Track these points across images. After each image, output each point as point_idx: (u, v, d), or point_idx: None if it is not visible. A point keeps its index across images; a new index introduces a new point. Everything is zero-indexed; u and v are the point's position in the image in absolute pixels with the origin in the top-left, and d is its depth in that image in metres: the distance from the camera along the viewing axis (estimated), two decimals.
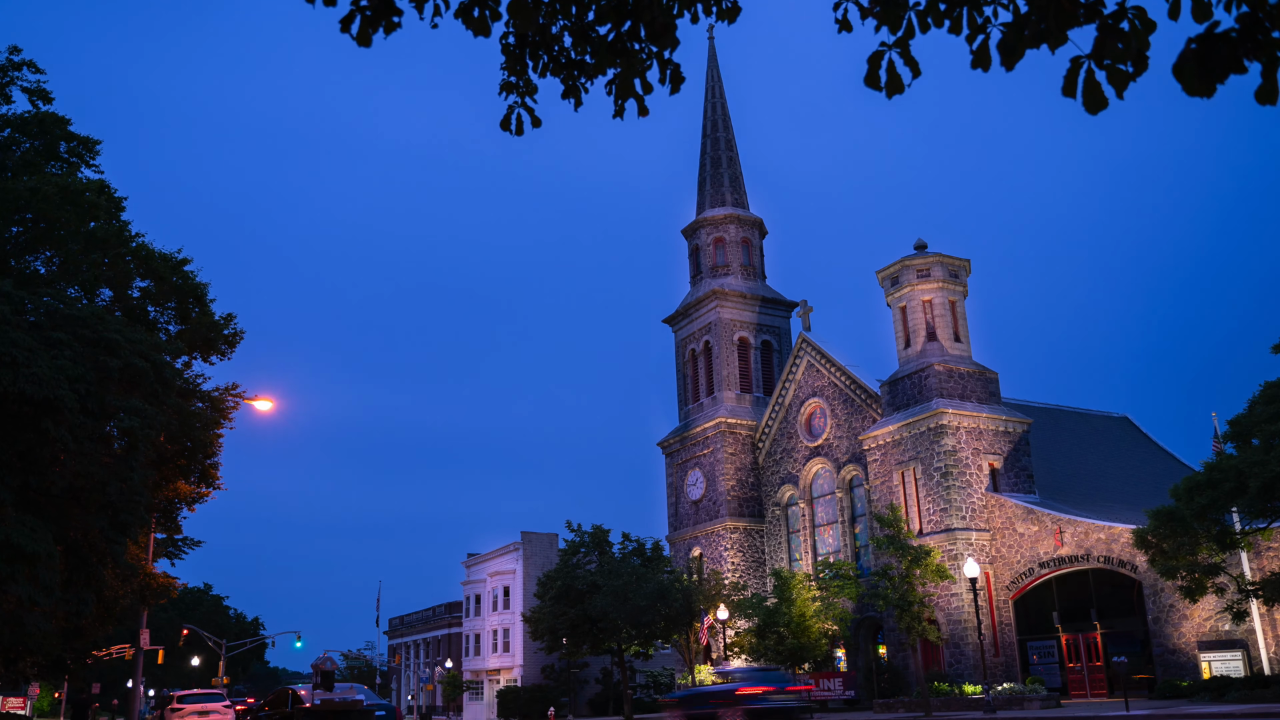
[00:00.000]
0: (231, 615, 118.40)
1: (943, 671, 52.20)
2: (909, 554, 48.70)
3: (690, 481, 73.23)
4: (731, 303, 74.00)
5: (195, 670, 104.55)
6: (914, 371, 57.41)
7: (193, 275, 33.52)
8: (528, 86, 7.42)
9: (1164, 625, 46.34)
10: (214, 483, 35.22)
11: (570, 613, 67.32)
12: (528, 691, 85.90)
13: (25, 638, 25.01)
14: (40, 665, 33.81)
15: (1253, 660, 42.51)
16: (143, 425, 25.07)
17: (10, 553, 21.03)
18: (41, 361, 21.63)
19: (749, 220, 77.38)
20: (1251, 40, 4.53)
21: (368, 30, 6.55)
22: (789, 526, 68.03)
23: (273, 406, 38.05)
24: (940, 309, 58.23)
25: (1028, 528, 52.28)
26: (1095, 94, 5.02)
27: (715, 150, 79.82)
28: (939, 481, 54.33)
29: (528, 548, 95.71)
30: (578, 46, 7.08)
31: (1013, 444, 56.52)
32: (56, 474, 23.94)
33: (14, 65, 31.85)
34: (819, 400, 66.21)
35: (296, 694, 37.53)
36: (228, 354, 34.98)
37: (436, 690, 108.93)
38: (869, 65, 5.82)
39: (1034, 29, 5.17)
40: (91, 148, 33.75)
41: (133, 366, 25.07)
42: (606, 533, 71.04)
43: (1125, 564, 47.63)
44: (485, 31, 6.68)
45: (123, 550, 26.41)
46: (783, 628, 54.79)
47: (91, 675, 65.28)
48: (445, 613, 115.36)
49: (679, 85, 7.06)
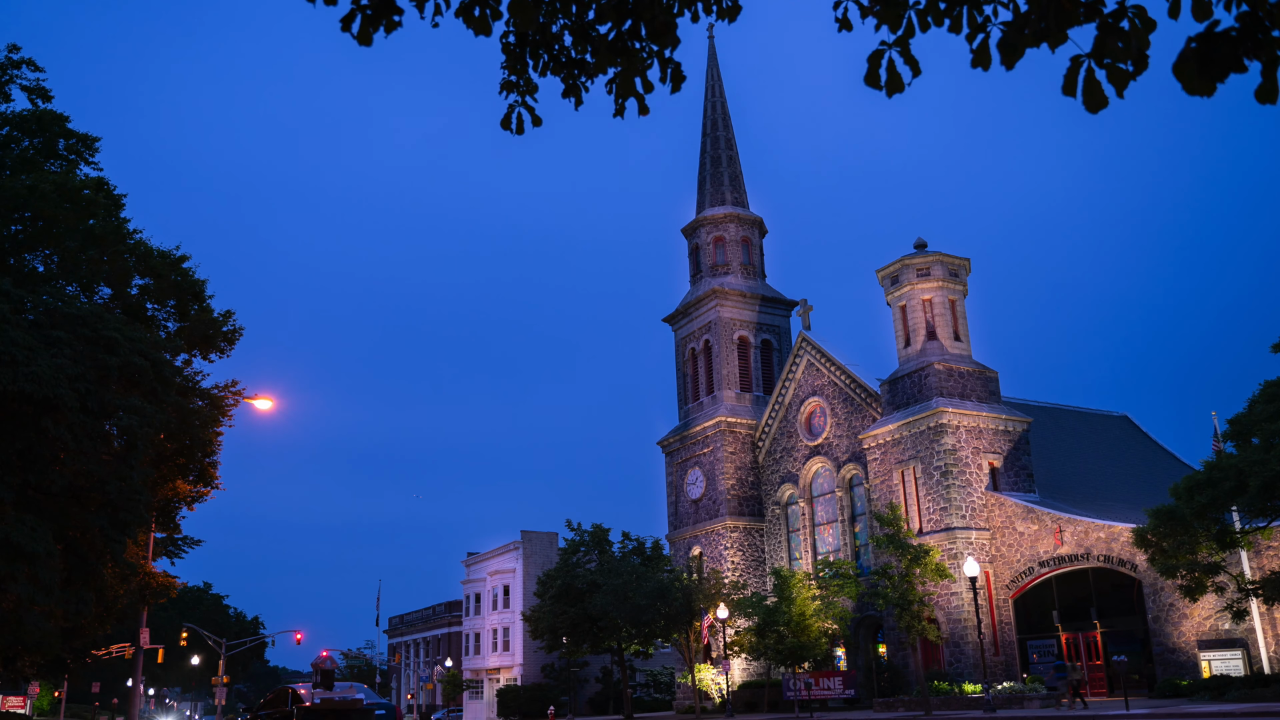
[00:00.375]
0: (231, 614, 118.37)
1: (943, 670, 52.18)
2: (909, 553, 48.71)
3: (690, 480, 73.20)
4: (731, 302, 73.94)
5: (195, 669, 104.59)
6: (914, 370, 57.39)
7: (191, 272, 33.47)
8: (528, 85, 7.42)
9: (1164, 624, 46.33)
10: (213, 482, 35.13)
11: (570, 612, 67.34)
12: (528, 690, 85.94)
13: (25, 637, 25.02)
14: (40, 664, 33.84)
15: (1253, 659, 42.49)
16: (142, 424, 25.06)
17: (10, 551, 21.03)
18: (41, 360, 21.62)
19: (749, 219, 77.32)
20: (1251, 39, 4.53)
21: (368, 29, 6.54)
22: (789, 525, 68.02)
23: (273, 405, 37.99)
24: (940, 308, 58.22)
25: (1027, 527, 52.27)
26: (1095, 93, 5.02)
27: (715, 149, 79.74)
28: (939, 480, 54.32)
29: (528, 547, 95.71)
30: (578, 45, 7.08)
31: (1012, 443, 56.52)
32: (56, 473, 23.94)
33: (13, 63, 31.79)
34: (819, 399, 66.19)
35: (296, 693, 37.49)
36: (227, 351, 34.92)
37: (436, 689, 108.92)
38: (869, 64, 5.82)
39: (1034, 28, 5.17)
40: (90, 145, 33.70)
41: (132, 364, 25.06)
42: (606, 532, 71.09)
43: (1125, 563, 47.62)
44: (486, 30, 6.68)
45: (122, 549, 26.38)
46: (783, 627, 54.84)
47: (91, 674, 65.26)
48: (445, 612, 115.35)
49: (679, 84, 7.06)
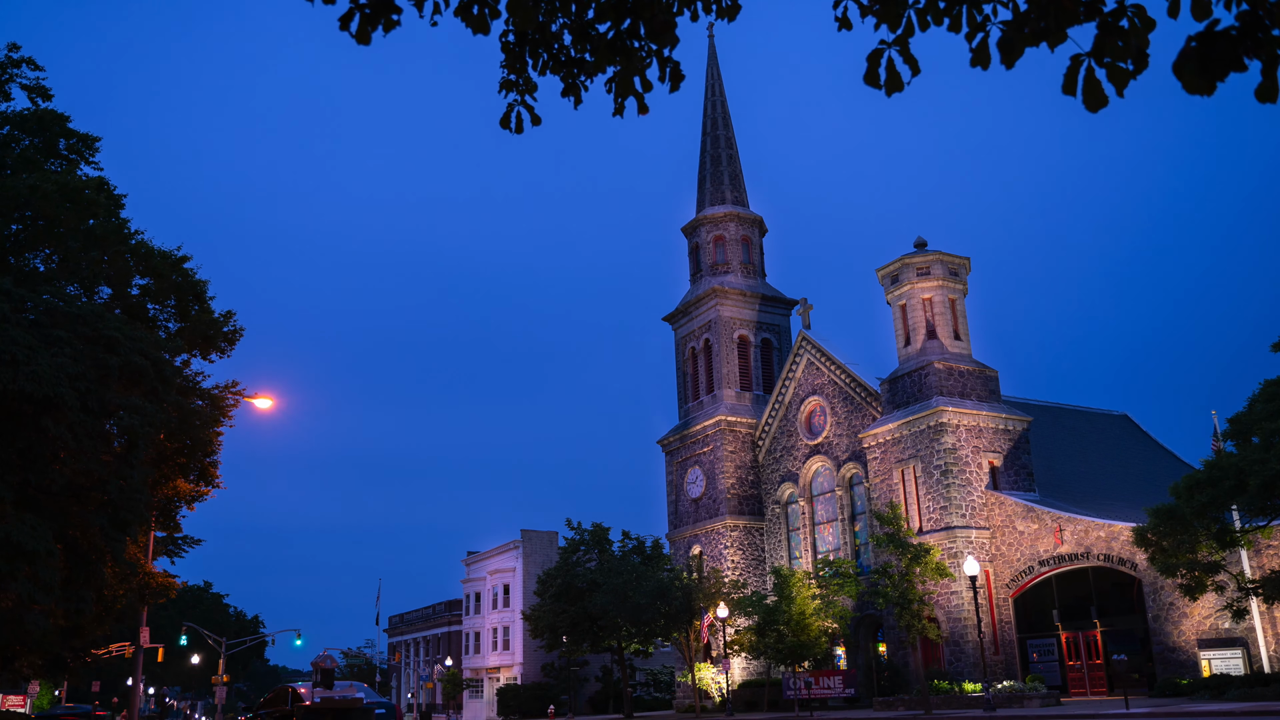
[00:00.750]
0: (231, 613, 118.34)
1: (943, 669, 52.17)
2: (909, 552, 48.71)
3: (690, 479, 73.18)
4: (731, 300, 73.91)
5: (195, 669, 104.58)
6: (914, 369, 57.38)
7: (192, 273, 33.43)
8: (527, 84, 7.41)
9: (1164, 623, 46.32)
10: (214, 481, 35.10)
11: (570, 611, 67.36)
12: (528, 689, 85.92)
13: (25, 636, 25.01)
14: (40, 663, 33.80)
15: (1253, 658, 42.49)
16: (142, 423, 25.06)
17: (10, 550, 21.03)
18: (41, 359, 21.62)
19: (749, 218, 77.29)
20: (1251, 38, 4.53)
21: (367, 28, 6.54)
22: (789, 524, 68.01)
23: (273, 405, 37.96)
24: (940, 307, 58.20)
25: (1028, 526, 52.26)
26: (1095, 92, 5.02)
27: (715, 148, 79.69)
28: (939, 479, 54.31)
29: (528, 546, 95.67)
30: (577, 44, 7.07)
31: (1012, 442, 56.50)
32: (56, 472, 23.93)
33: (13, 62, 31.80)
34: (819, 398, 66.17)
35: (296, 692, 37.55)
36: (227, 351, 34.89)
37: (436, 688, 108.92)
38: (868, 63, 5.82)
39: (1034, 27, 5.16)
40: (91, 145, 33.71)
41: (132, 364, 25.05)
42: (606, 531, 71.11)
43: (1125, 562, 47.61)
44: (485, 29, 6.67)
45: (122, 548, 26.39)
46: (783, 626, 54.84)
47: (91, 674, 65.26)
48: (445, 611, 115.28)
49: (679, 83, 7.06)
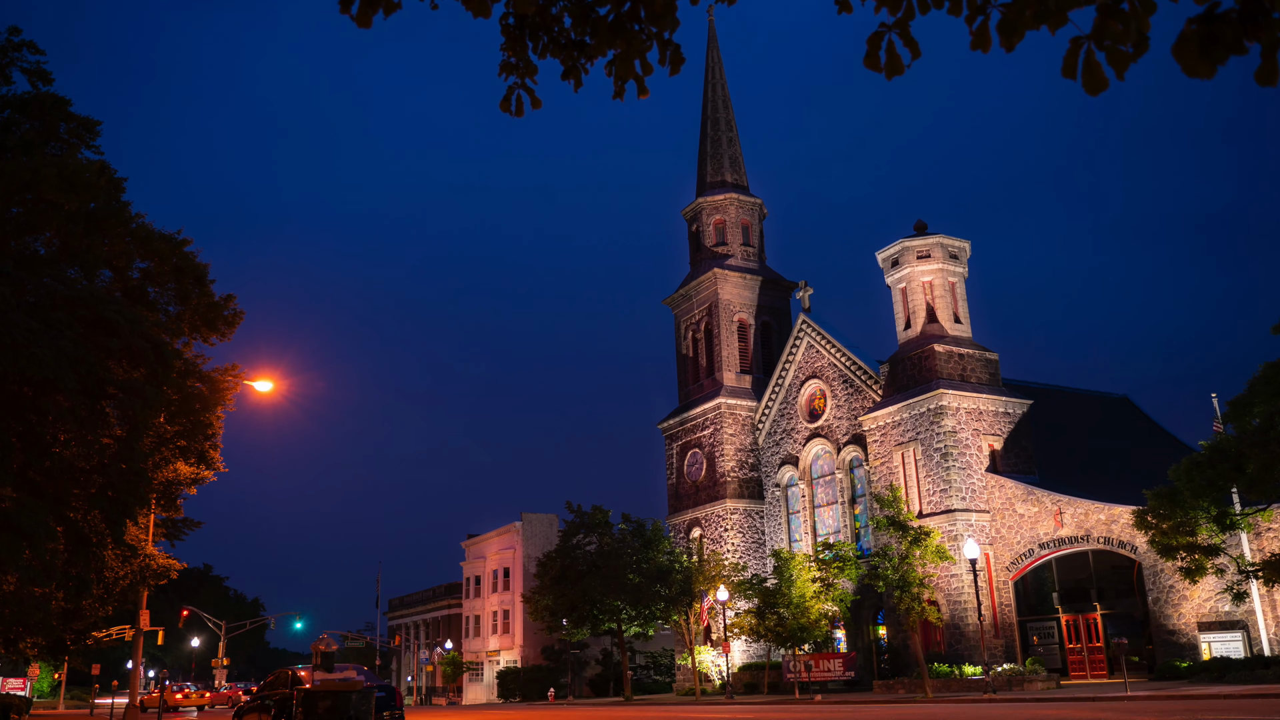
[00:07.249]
0: (232, 596, 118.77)
1: (943, 652, 52.33)
2: (909, 535, 48.78)
3: (690, 462, 73.27)
4: (731, 283, 73.86)
5: (196, 651, 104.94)
6: (914, 353, 57.40)
7: (193, 256, 33.40)
8: (528, 67, 7.39)
9: (1164, 606, 46.46)
10: (214, 464, 35.20)
11: (570, 593, 67.53)
12: (527, 672, 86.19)
13: (26, 618, 25.11)
14: (40, 646, 33.93)
15: (1253, 641, 42.61)
16: (143, 406, 25.09)
17: (11, 533, 21.08)
18: (42, 343, 21.62)
19: (749, 201, 77.19)
20: (1252, 21, 4.52)
21: (367, 11, 6.52)
22: (789, 507, 68.12)
23: (273, 388, 37.96)
24: (940, 290, 58.19)
25: (1028, 508, 52.36)
26: (1095, 75, 5.01)
27: (715, 131, 79.53)
28: (939, 462, 54.39)
29: (527, 529, 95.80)
30: (578, 27, 7.06)
31: (1013, 425, 56.56)
32: (56, 455, 23.98)
33: (14, 46, 31.70)
34: (819, 381, 66.20)
35: (296, 674, 37.63)
36: (228, 334, 34.88)
37: (436, 671, 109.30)
38: (868, 46, 5.81)
39: (1034, 9, 5.15)
40: (92, 129, 33.63)
41: (133, 347, 25.06)
42: (606, 514, 71.21)
43: (1125, 545, 47.72)
44: (485, 13, 6.66)
45: (123, 531, 26.46)
46: (783, 608, 55.02)
47: (91, 656, 65.48)
48: (445, 593, 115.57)
49: (679, 66, 7.04)
